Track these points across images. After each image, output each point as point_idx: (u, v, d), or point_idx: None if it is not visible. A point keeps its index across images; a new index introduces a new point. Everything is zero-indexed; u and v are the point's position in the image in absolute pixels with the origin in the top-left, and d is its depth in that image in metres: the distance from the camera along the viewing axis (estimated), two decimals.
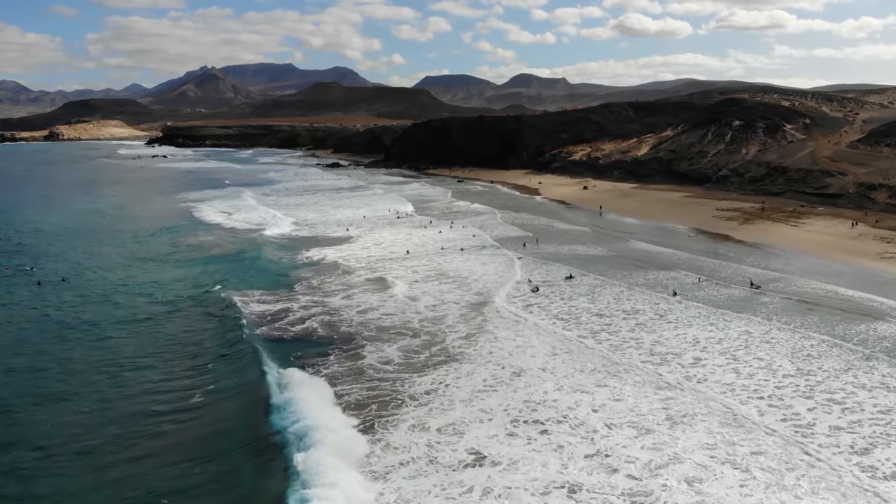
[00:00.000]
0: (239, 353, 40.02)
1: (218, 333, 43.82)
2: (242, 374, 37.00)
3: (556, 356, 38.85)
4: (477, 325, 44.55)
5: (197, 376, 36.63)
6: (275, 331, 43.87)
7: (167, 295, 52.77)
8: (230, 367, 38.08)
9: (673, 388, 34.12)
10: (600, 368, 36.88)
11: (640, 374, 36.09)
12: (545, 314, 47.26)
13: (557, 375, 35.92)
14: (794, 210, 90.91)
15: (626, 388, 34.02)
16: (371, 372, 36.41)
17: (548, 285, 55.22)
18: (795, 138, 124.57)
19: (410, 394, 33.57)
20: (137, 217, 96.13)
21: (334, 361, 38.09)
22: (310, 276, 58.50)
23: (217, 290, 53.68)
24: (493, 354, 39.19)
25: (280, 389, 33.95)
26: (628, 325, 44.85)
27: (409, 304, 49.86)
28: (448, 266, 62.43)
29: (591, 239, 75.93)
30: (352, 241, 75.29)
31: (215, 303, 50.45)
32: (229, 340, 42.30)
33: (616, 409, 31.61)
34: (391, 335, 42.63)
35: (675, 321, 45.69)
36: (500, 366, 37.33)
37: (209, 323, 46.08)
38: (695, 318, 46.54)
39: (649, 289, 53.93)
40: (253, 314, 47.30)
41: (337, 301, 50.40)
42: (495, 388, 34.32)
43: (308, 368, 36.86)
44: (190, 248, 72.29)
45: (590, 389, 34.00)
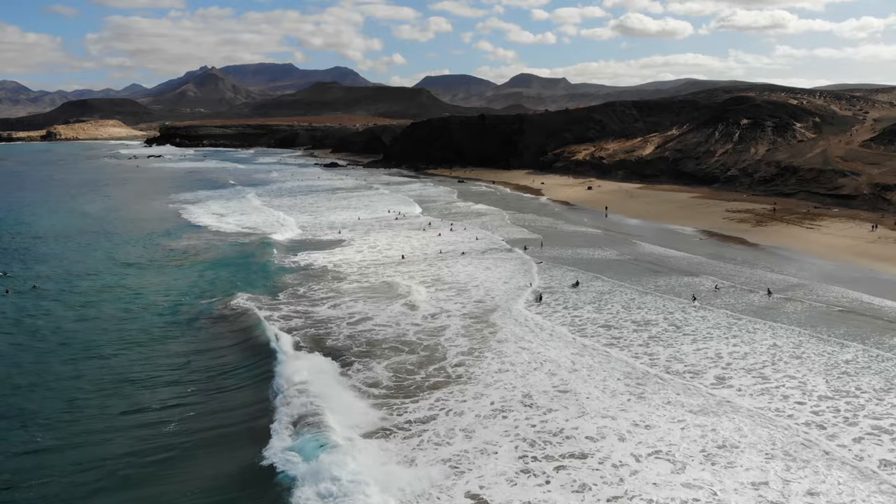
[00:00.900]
0: (206, 368, 36.44)
1: (184, 346, 40.21)
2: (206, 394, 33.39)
3: (576, 371, 35.20)
4: (480, 340, 40.88)
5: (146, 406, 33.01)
6: (248, 348, 40.23)
7: (149, 306, 49.13)
8: (190, 385, 34.47)
9: (703, 413, 30.42)
10: (622, 390, 33.18)
11: (662, 395, 32.44)
12: (554, 325, 43.61)
13: (569, 399, 32.27)
14: (807, 212, 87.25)
15: (653, 415, 30.34)
16: (352, 399, 32.27)
17: (551, 292, 51.58)
18: (805, 137, 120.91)
19: (399, 423, 29.85)
20: (127, 220, 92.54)
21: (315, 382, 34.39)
22: (297, 282, 54.86)
23: (195, 298, 50.06)
24: (498, 374, 35.52)
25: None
26: (640, 338, 41.19)
27: (405, 314, 46.22)
28: (446, 272, 58.81)
29: (597, 242, 72.32)
30: (344, 245, 71.66)
31: (186, 311, 46.83)
32: (197, 352, 38.72)
33: (644, 439, 27.95)
34: (383, 350, 38.95)
35: (693, 333, 42.03)
36: (509, 386, 33.70)
37: (173, 333, 42.44)
38: (714, 329, 42.89)
39: (662, 296, 50.29)
40: (230, 327, 43.71)
41: (324, 311, 46.74)
42: (503, 413, 30.64)
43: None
44: (177, 253, 68.65)
45: (610, 413, 30.35)
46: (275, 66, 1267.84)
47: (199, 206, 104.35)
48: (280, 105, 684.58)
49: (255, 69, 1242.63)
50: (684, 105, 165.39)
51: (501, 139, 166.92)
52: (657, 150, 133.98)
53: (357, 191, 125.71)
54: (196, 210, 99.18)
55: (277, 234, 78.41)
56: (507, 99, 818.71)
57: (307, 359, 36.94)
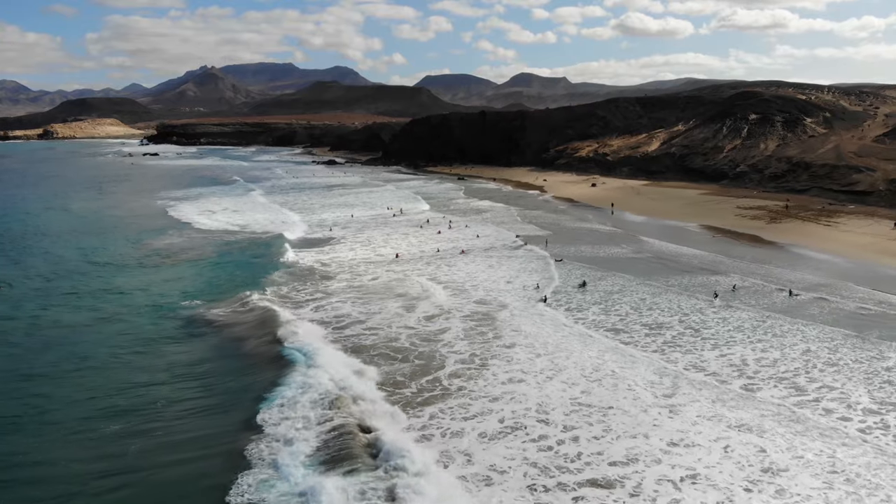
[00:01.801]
0: (174, 377, 32.86)
1: (154, 351, 36.64)
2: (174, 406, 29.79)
3: (597, 384, 31.59)
4: (481, 345, 37.23)
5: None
6: (225, 353, 36.66)
7: (133, 307, 45.57)
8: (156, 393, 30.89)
9: (745, 430, 26.77)
10: (652, 404, 29.53)
11: (695, 408, 28.81)
12: (564, 325, 39.99)
13: (583, 417, 28.65)
14: (822, 209, 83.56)
15: (689, 432, 26.75)
16: (332, 411, 28.43)
17: (557, 292, 47.97)
18: (816, 133, 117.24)
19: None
20: (116, 219, 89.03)
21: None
22: (282, 281, 51.21)
23: (162, 299, 46.51)
24: (506, 386, 31.89)
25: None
26: (655, 343, 37.59)
27: (400, 316, 42.58)
28: (444, 270, 55.18)
29: (604, 239, 68.69)
30: (336, 243, 68.03)
31: (171, 314, 43.26)
32: (163, 359, 35.16)
33: (680, 461, 24.42)
34: (372, 358, 35.28)
35: (713, 337, 38.40)
36: (520, 398, 30.09)
37: (162, 337, 38.85)
38: (736, 332, 39.29)
39: (676, 297, 46.65)
40: (202, 329, 40.17)
41: (306, 313, 43.07)
42: (511, 433, 27.00)
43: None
44: (160, 252, 65.06)
45: (633, 430, 26.75)
46: (275, 65, 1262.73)
47: (190, 202, 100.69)
48: (280, 104, 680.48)
49: (255, 69, 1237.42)
50: (689, 101, 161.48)
51: (502, 136, 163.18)
52: (663, 147, 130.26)
53: (353, 188, 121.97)
54: (186, 207, 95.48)
55: (270, 231, 74.77)
56: (507, 98, 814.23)
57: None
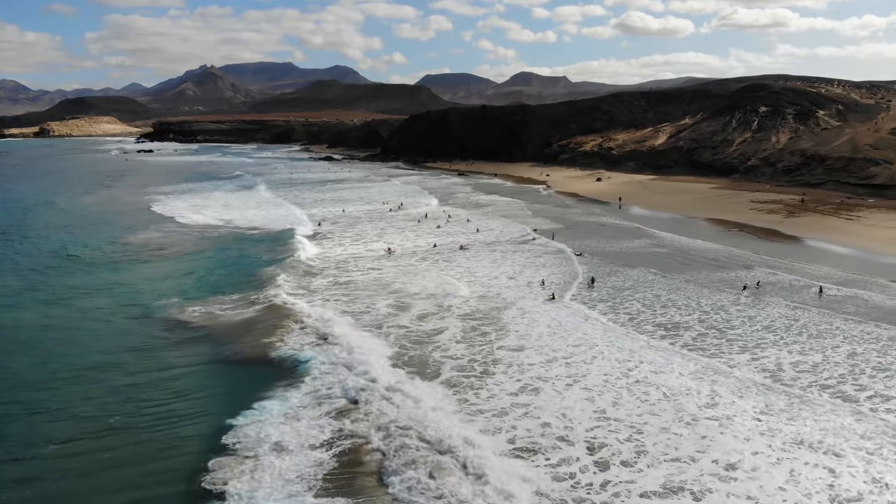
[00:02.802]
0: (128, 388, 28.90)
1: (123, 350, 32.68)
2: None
3: (626, 392, 27.54)
4: (481, 350, 33.19)
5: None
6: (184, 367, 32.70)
7: (114, 307, 41.63)
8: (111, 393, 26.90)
9: (799, 447, 22.73)
10: (695, 416, 25.51)
11: (741, 424, 24.76)
12: (579, 330, 35.97)
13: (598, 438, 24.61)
14: (841, 202, 79.56)
15: (745, 452, 22.69)
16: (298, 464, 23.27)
17: (564, 290, 43.98)
18: (830, 125, 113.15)
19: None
20: (101, 214, 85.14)
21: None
22: (266, 278, 47.25)
23: (154, 300, 42.56)
24: (507, 399, 27.87)
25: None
26: (673, 347, 33.55)
27: (393, 316, 38.55)
28: (443, 266, 51.16)
29: (615, 234, 64.65)
30: (322, 238, 63.96)
31: (138, 313, 39.30)
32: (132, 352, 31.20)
33: (735, 489, 20.42)
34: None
35: (740, 338, 34.38)
36: (532, 412, 26.07)
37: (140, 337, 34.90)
38: (766, 332, 35.29)
39: (695, 294, 42.60)
40: (167, 331, 36.20)
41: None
42: (524, 456, 22.97)
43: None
44: (138, 247, 61.12)
45: (675, 450, 22.70)
46: (274, 65, 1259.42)
47: (174, 197, 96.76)
48: (279, 103, 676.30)
49: (255, 68, 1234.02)
50: (695, 94, 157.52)
51: (503, 131, 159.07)
52: (670, 140, 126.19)
53: (349, 183, 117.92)
54: (173, 203, 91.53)
55: (258, 229, 70.82)
56: (507, 97, 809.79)
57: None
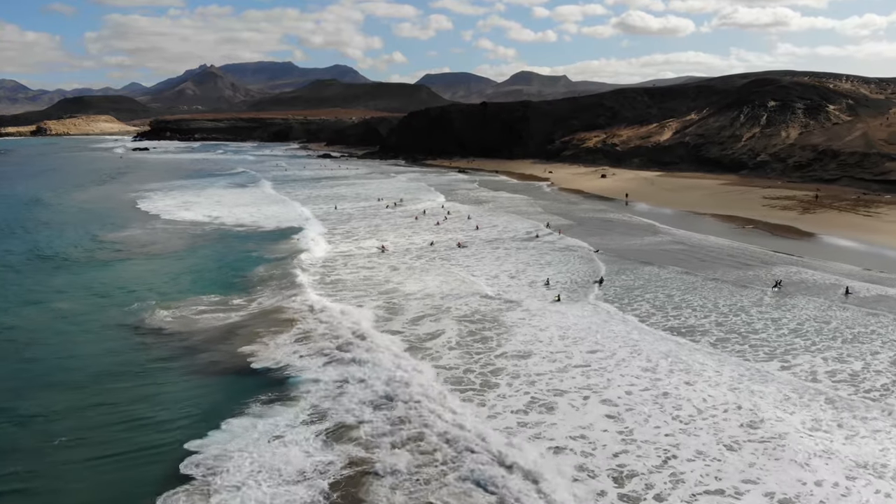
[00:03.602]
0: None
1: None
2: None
3: (658, 410, 24.22)
4: (483, 366, 29.89)
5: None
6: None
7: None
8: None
9: (864, 469, 19.40)
10: (737, 437, 22.19)
11: (795, 446, 21.44)
12: (597, 333, 32.67)
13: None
14: (858, 198, 76.35)
15: (803, 479, 19.38)
16: None
17: (572, 290, 40.68)
18: (841, 120, 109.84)
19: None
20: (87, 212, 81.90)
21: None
22: (251, 279, 43.94)
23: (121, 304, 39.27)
24: (512, 418, 24.54)
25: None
26: (706, 352, 30.27)
27: (384, 320, 35.27)
28: (438, 264, 47.86)
29: (620, 231, 61.37)
30: (315, 236, 60.57)
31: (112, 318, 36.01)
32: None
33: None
34: (334, 394, 27.91)
35: (765, 343, 31.15)
36: (543, 434, 22.71)
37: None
38: (794, 336, 32.01)
39: (710, 294, 39.26)
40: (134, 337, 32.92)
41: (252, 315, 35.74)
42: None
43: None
44: (116, 245, 57.86)
45: (719, 481, 19.39)
46: (274, 64, 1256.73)
47: (162, 194, 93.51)
48: (278, 102, 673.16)
49: (255, 68, 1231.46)
50: (701, 90, 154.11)
51: (504, 128, 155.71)
52: (676, 136, 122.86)
53: (345, 180, 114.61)
54: (161, 200, 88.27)
55: (245, 226, 67.53)
56: (507, 96, 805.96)
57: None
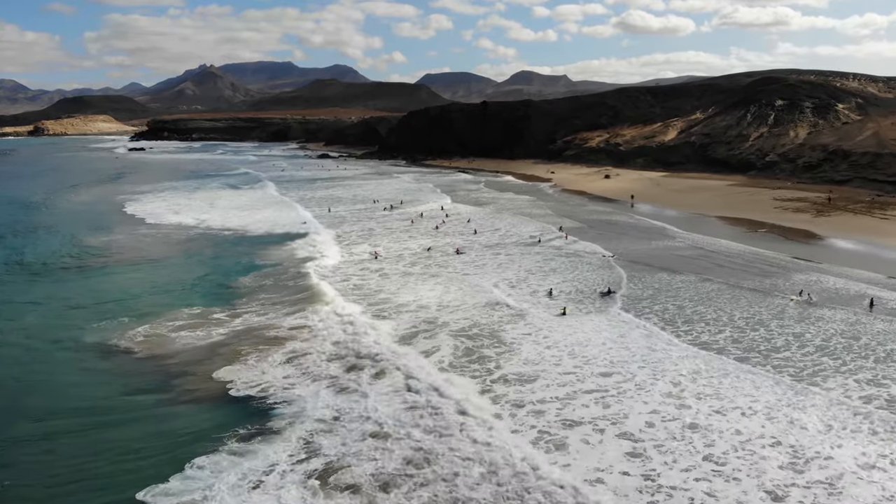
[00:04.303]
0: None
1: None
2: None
3: (690, 451, 21.44)
4: (482, 391, 27.11)
5: None
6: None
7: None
8: None
9: None
10: (769, 484, 19.43)
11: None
12: (611, 351, 29.90)
13: None
14: (872, 200, 73.49)
15: None
16: None
17: (576, 302, 37.91)
18: (851, 119, 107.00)
19: None
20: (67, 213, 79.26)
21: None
22: (235, 291, 41.19)
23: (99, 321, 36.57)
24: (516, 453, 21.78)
25: None
26: (736, 373, 27.47)
27: (362, 336, 32.51)
28: (434, 271, 45.09)
29: (627, 235, 58.59)
30: (305, 242, 57.75)
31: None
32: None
33: None
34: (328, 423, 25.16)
35: (789, 364, 28.29)
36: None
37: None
38: (821, 355, 29.23)
39: (726, 306, 36.47)
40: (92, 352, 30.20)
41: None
42: None
43: None
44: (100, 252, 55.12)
45: None
46: (274, 64, 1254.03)
47: (155, 197, 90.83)
48: (278, 102, 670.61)
49: (255, 67, 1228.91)
50: (705, 89, 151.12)
51: (505, 127, 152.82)
52: (681, 136, 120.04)
53: (341, 180, 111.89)
54: (150, 204, 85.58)
55: (232, 230, 64.81)
56: (507, 96, 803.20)
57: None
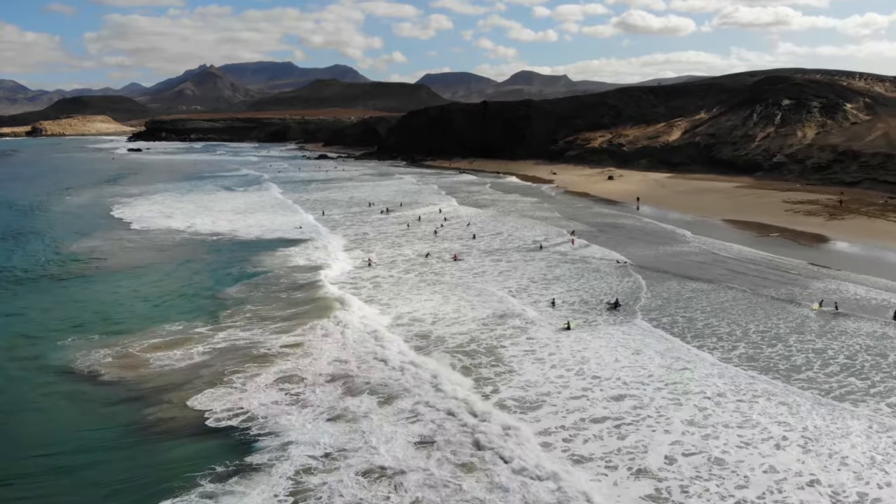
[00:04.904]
0: None
1: None
2: None
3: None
4: (473, 430, 24.77)
5: None
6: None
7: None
8: None
9: None
10: None
11: None
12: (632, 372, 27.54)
13: None
14: (885, 202, 71.30)
15: None
16: None
17: (582, 313, 35.56)
18: (859, 119, 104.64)
19: None
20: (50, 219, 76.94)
21: None
22: (221, 303, 38.85)
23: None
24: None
25: None
26: (754, 406, 25.11)
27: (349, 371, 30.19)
28: (431, 279, 42.73)
29: (634, 239, 56.19)
30: (297, 248, 55.45)
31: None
32: None
33: None
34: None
35: (813, 385, 25.91)
36: None
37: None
38: (847, 374, 26.98)
39: (741, 318, 34.11)
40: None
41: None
42: None
43: None
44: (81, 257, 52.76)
45: None
46: (274, 64, 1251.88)
47: (146, 199, 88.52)
48: (277, 102, 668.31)
49: (255, 68, 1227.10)
50: (709, 88, 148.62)
51: (506, 127, 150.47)
52: (686, 136, 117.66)
53: (339, 182, 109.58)
54: (138, 207, 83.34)
55: (221, 235, 62.49)
56: (507, 96, 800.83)
57: None
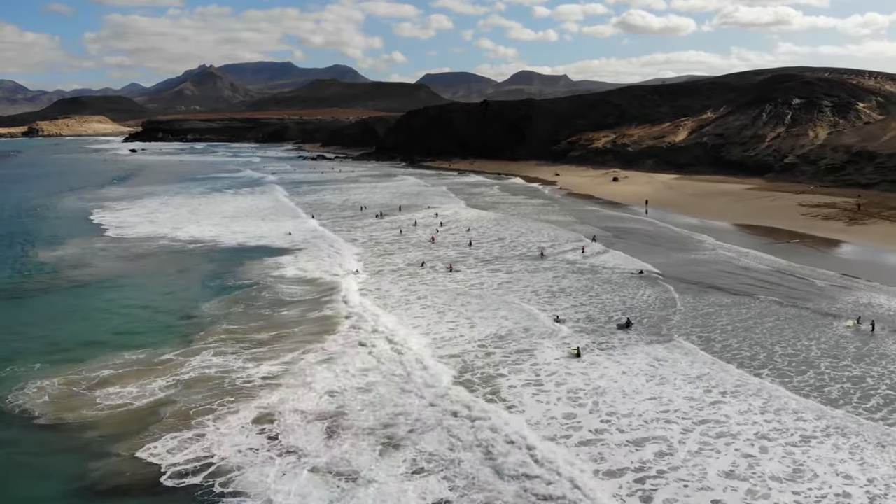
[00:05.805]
0: None
1: None
2: None
3: None
4: (478, 468, 21.44)
5: None
6: None
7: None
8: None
9: None
10: None
11: None
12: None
13: None
14: None
15: None
16: None
17: (591, 335, 32.24)
18: (872, 119, 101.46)
19: None
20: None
21: None
22: (196, 323, 35.54)
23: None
24: None
25: None
26: (808, 452, 21.85)
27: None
28: (422, 291, 39.39)
29: (648, 247, 52.77)
30: (287, 258, 52.25)
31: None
32: None
33: None
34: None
35: (853, 424, 22.55)
36: None
37: None
38: (891, 408, 23.54)
39: (765, 339, 30.80)
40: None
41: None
42: None
43: None
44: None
45: None
46: (274, 64, 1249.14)
47: (130, 203, 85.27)
48: (277, 102, 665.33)
49: (255, 68, 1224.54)
50: (715, 87, 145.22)
51: (506, 127, 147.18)
52: (692, 136, 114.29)
53: (335, 183, 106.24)
54: (120, 212, 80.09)
55: (200, 242, 59.22)
56: (507, 96, 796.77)
57: None
